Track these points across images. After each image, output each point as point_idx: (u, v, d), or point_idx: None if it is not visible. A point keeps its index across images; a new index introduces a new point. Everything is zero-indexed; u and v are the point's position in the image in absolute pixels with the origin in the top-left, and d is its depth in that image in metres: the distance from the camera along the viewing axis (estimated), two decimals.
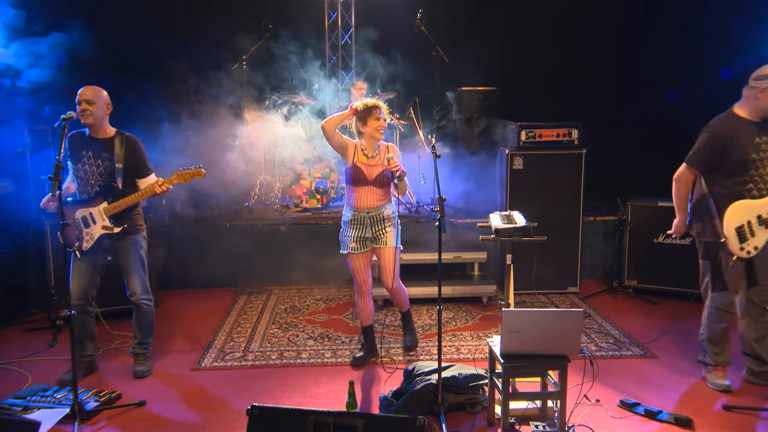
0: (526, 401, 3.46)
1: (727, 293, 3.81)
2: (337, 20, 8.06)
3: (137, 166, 4.02)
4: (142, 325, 4.15)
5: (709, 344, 3.92)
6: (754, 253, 3.66)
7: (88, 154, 3.92)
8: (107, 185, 3.93)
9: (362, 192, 4.05)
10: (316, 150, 6.76)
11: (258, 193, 6.86)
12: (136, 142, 4.05)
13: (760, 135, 3.64)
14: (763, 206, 3.64)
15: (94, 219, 3.94)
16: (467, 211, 6.48)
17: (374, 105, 4.04)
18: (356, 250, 4.13)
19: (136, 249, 4.07)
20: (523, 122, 5.60)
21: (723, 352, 3.90)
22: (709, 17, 6.63)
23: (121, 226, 3.95)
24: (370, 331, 4.36)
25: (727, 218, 3.64)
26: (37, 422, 2.86)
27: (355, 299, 4.31)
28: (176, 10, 7.12)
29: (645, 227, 5.63)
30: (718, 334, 3.87)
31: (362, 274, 4.21)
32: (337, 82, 8.24)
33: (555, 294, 5.75)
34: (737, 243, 3.64)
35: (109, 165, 3.92)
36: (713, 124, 3.79)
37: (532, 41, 7.55)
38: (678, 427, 3.40)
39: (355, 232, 4.11)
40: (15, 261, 5.26)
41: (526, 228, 3.60)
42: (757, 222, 3.64)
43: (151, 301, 4.19)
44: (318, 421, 2.54)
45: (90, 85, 3.90)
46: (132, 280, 4.08)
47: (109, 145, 3.94)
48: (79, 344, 4.06)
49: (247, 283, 6.11)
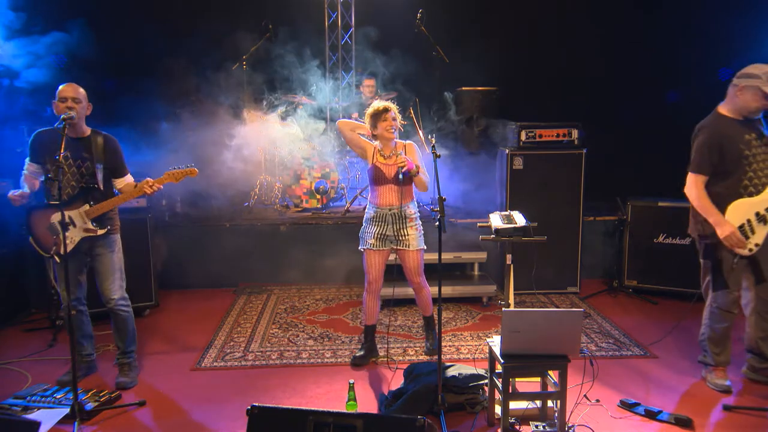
0: (526, 401, 3.46)
1: (728, 292, 3.80)
2: (337, 20, 8.07)
3: (116, 165, 3.88)
4: (122, 333, 3.98)
5: (709, 344, 3.92)
6: (755, 250, 3.69)
7: (65, 154, 3.68)
8: (88, 187, 3.79)
9: (383, 190, 4.11)
10: (316, 150, 6.76)
11: (258, 193, 6.86)
12: (115, 141, 3.91)
13: (748, 132, 3.70)
14: (761, 203, 3.68)
15: (74, 222, 3.77)
16: (467, 211, 6.48)
17: (383, 108, 4.07)
18: (374, 246, 4.14)
19: (111, 251, 3.91)
20: (523, 122, 5.60)
21: (723, 352, 3.89)
22: (709, 17, 6.63)
23: (105, 228, 3.83)
24: (372, 330, 4.38)
25: (728, 219, 3.68)
26: (37, 422, 2.85)
27: (363, 296, 4.31)
28: (176, 9, 7.12)
29: (645, 227, 5.63)
30: (719, 333, 3.87)
31: (375, 272, 4.21)
32: (337, 82, 8.25)
33: (555, 294, 5.75)
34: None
35: (90, 165, 3.77)
36: (705, 125, 3.80)
37: (532, 41, 7.55)
38: (678, 427, 3.40)
39: (376, 228, 4.13)
40: (15, 261, 5.26)
41: (526, 228, 3.60)
42: (756, 219, 3.68)
43: (130, 307, 4.00)
44: (318, 421, 2.54)
45: (69, 83, 3.73)
46: (108, 283, 3.88)
47: (88, 144, 3.79)
48: (77, 344, 4.02)
49: (247, 283, 6.11)
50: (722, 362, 3.90)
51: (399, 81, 7.48)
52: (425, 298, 4.35)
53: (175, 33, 6.89)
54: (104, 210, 3.81)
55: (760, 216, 3.68)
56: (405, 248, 4.13)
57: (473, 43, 7.39)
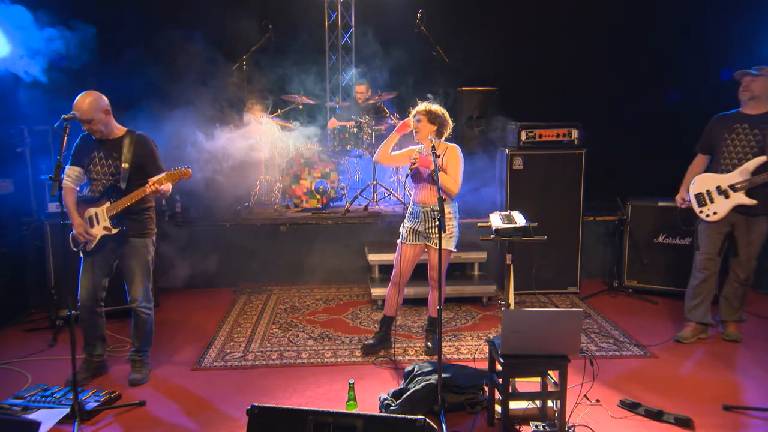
0: (526, 401, 3.46)
1: (698, 253, 4.55)
2: (337, 20, 8.07)
3: (146, 165, 3.93)
4: (140, 333, 4.06)
5: (686, 298, 4.64)
6: (714, 217, 4.39)
7: (99, 155, 3.90)
8: (113, 185, 3.89)
9: (420, 188, 4.28)
10: (316, 150, 6.75)
11: (258, 193, 6.86)
12: (146, 141, 3.99)
13: (740, 122, 4.34)
14: (724, 179, 4.35)
15: (98, 219, 3.92)
16: (467, 211, 6.47)
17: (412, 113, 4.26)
18: (407, 240, 4.31)
19: (137, 254, 3.96)
20: (523, 122, 5.60)
21: (692, 310, 4.59)
22: (709, 17, 6.63)
23: (119, 228, 3.89)
24: (388, 321, 4.47)
25: (691, 187, 4.50)
26: (37, 422, 2.86)
27: (388, 287, 4.44)
28: (176, 9, 7.11)
29: (645, 227, 5.63)
30: (691, 290, 4.60)
31: (403, 266, 4.35)
32: (337, 83, 8.25)
33: (555, 294, 5.75)
34: (696, 207, 4.47)
35: (118, 165, 3.89)
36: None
37: (532, 41, 7.54)
38: (678, 427, 3.41)
39: (410, 224, 4.31)
40: (15, 261, 5.25)
41: (526, 228, 3.60)
42: (716, 191, 4.39)
43: (151, 310, 4.09)
44: (318, 421, 2.54)
45: (82, 98, 3.74)
46: (131, 286, 3.98)
47: (119, 145, 3.90)
48: (89, 345, 4.06)
49: (247, 283, 6.11)
50: (689, 318, 4.60)
51: (399, 81, 7.47)
52: (435, 295, 4.30)
53: (175, 32, 6.87)
54: (119, 208, 3.86)
55: (721, 189, 4.36)
56: (433, 246, 4.21)
57: (473, 43, 7.39)
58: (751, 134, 4.29)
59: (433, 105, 4.23)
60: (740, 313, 4.66)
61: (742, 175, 4.28)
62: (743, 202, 4.29)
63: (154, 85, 6.52)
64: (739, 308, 4.62)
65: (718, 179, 4.39)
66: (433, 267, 4.27)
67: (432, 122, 4.17)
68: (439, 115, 4.20)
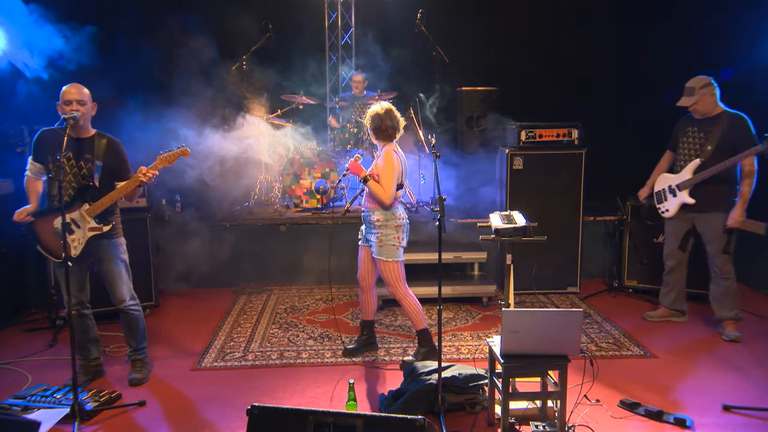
0: (526, 401, 3.46)
1: (665, 246, 4.95)
2: (337, 20, 8.07)
3: (119, 168, 3.85)
4: (134, 331, 4.03)
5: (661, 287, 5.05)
6: (667, 214, 4.80)
7: (68, 155, 3.70)
8: (86, 186, 3.76)
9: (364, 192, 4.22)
10: (316, 150, 6.76)
11: (258, 193, 6.86)
12: (119, 143, 3.90)
13: (692, 125, 4.67)
14: (674, 179, 4.73)
15: (78, 223, 3.77)
16: (467, 211, 6.48)
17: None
18: (360, 241, 4.30)
19: (118, 254, 3.91)
20: (523, 122, 5.60)
21: (663, 297, 5.02)
22: (709, 17, 6.62)
23: (109, 224, 3.82)
24: (366, 326, 4.45)
25: (655, 185, 4.93)
26: (37, 422, 2.86)
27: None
28: (176, 10, 7.10)
29: (645, 227, 5.63)
30: (664, 279, 4.99)
31: (361, 268, 4.32)
32: (337, 83, 8.25)
33: (555, 294, 5.75)
34: (656, 203, 4.90)
35: (92, 166, 3.76)
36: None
37: (532, 41, 7.54)
38: (678, 427, 3.40)
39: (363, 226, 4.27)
40: (15, 261, 5.25)
41: (526, 228, 3.60)
42: (668, 190, 4.78)
43: (139, 306, 4.05)
44: (318, 421, 2.54)
45: (73, 84, 3.71)
46: (115, 287, 3.91)
47: (91, 145, 3.78)
48: (84, 349, 4.03)
49: (247, 283, 6.11)
50: (662, 302, 5.03)
51: (399, 81, 7.47)
52: (406, 311, 4.21)
53: (175, 32, 6.87)
54: (105, 206, 3.77)
55: (671, 189, 4.74)
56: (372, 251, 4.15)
57: (473, 43, 7.39)
58: (698, 137, 4.60)
59: (372, 109, 4.05)
60: (735, 311, 4.64)
61: (686, 175, 4.62)
62: (686, 201, 4.63)
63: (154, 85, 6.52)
64: (730, 305, 4.63)
65: (671, 179, 4.77)
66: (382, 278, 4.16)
67: (372, 129, 4.07)
68: (371, 119, 4.02)
